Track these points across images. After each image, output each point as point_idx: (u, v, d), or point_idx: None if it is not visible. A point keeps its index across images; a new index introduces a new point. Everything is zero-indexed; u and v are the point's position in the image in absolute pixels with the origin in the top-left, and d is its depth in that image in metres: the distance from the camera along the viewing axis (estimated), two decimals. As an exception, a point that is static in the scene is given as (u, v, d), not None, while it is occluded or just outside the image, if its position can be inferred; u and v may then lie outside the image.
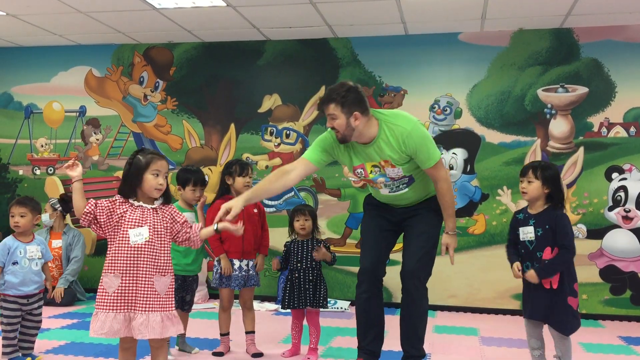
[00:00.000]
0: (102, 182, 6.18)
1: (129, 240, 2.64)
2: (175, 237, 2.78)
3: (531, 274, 3.11)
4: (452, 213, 3.30)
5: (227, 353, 3.83)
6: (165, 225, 2.73)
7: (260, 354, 3.78)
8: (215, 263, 3.81)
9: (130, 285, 2.62)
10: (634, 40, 5.27)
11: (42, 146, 6.36)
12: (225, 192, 3.78)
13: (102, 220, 2.67)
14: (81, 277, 5.73)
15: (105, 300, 2.63)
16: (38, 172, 6.35)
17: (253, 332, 3.86)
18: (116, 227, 2.67)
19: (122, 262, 2.64)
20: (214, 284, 3.81)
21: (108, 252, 2.69)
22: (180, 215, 2.80)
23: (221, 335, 3.84)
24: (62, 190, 6.16)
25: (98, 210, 2.67)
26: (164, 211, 2.76)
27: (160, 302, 2.67)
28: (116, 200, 2.71)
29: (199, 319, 4.82)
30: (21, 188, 6.34)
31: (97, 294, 2.67)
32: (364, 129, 3.13)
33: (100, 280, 2.67)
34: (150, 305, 2.64)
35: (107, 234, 2.69)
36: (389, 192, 3.32)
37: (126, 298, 2.62)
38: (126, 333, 2.63)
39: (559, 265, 3.10)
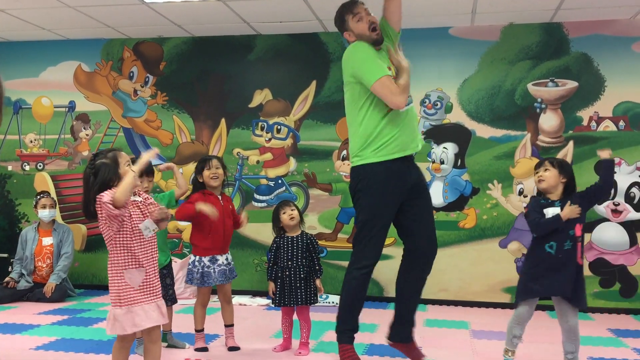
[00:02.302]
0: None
1: (141, 234, 2.68)
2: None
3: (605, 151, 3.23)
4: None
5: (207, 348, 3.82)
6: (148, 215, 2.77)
7: (237, 348, 3.79)
8: (192, 264, 3.75)
9: (153, 275, 2.70)
10: (623, 35, 5.29)
11: (31, 142, 6.32)
12: (198, 188, 3.81)
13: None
14: (71, 273, 5.71)
15: (135, 294, 2.65)
16: (27, 167, 6.31)
17: (232, 325, 3.86)
18: (125, 223, 2.66)
19: (142, 255, 2.67)
20: (196, 284, 3.75)
21: (119, 249, 2.66)
22: (152, 204, 2.80)
23: (197, 331, 3.81)
24: (51, 186, 6.13)
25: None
26: (143, 203, 2.77)
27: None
28: None
29: (190, 314, 4.80)
30: (10, 184, 6.30)
31: (119, 290, 2.65)
32: None
33: (119, 277, 2.66)
34: (160, 293, 2.76)
35: (118, 229, 2.65)
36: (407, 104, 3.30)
37: (152, 289, 2.69)
38: (161, 320, 2.71)
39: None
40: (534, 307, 3.23)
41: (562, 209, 3.12)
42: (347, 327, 3.38)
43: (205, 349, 3.76)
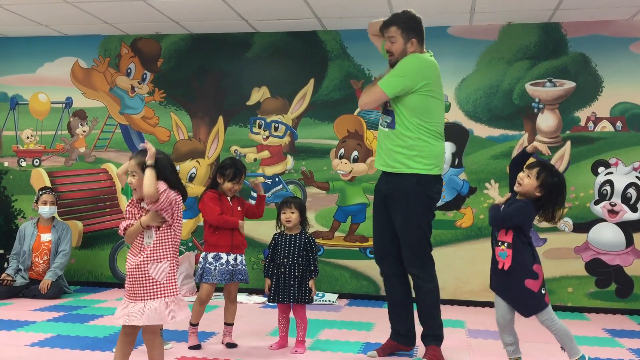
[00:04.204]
0: (89, 175, 6.13)
1: (143, 240, 2.80)
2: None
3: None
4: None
5: (202, 345, 3.80)
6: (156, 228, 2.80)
7: (234, 345, 3.78)
8: (201, 259, 3.79)
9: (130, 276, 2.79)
10: (621, 35, 5.30)
11: (27, 138, 6.29)
12: (214, 186, 3.85)
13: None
14: (67, 270, 5.69)
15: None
16: (24, 163, 6.29)
17: (232, 324, 3.86)
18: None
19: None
20: (197, 279, 3.80)
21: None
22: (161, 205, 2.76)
23: (191, 324, 3.80)
24: (48, 183, 6.11)
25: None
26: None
27: (154, 292, 2.78)
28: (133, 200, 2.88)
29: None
30: (6, 180, 6.28)
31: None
32: None
33: None
34: (146, 295, 2.77)
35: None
36: (380, 125, 3.62)
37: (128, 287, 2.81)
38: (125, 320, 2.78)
39: (494, 217, 3.23)
40: (506, 311, 3.19)
41: (504, 209, 3.22)
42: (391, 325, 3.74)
43: (198, 347, 3.75)
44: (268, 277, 3.78)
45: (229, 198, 3.84)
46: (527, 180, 3.16)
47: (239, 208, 3.87)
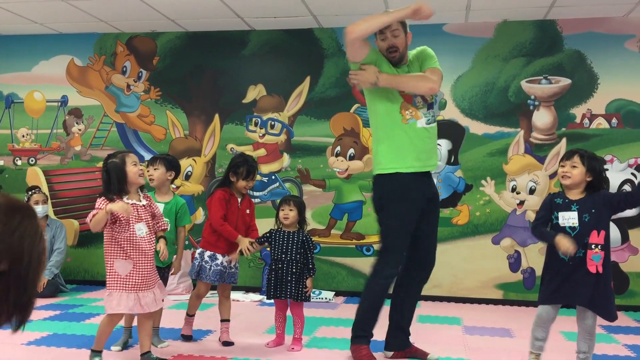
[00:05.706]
0: (85, 173, 6.12)
1: (133, 232, 3.12)
2: (153, 229, 3.29)
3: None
4: (402, 80, 3.33)
5: (199, 343, 3.82)
6: (150, 220, 3.26)
7: (231, 343, 3.79)
8: (197, 256, 3.79)
9: (140, 269, 3.12)
10: (616, 32, 5.31)
11: (23, 136, 6.28)
12: (227, 184, 3.82)
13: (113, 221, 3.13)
14: (63, 268, 5.67)
15: (119, 282, 3.13)
16: (19, 162, 6.27)
17: (228, 320, 3.88)
18: (120, 223, 3.11)
19: (130, 249, 3.12)
20: (193, 276, 3.81)
21: (112, 241, 3.14)
22: (158, 210, 3.35)
23: (188, 315, 3.85)
24: (43, 181, 6.10)
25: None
26: (147, 208, 3.24)
27: (156, 277, 3.28)
28: (113, 199, 3.12)
29: (183, 310, 4.80)
30: (2, 179, 6.26)
31: (108, 275, 3.14)
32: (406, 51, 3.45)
33: (109, 264, 3.15)
34: (154, 282, 3.21)
35: (113, 228, 3.13)
36: (426, 122, 3.36)
37: (136, 280, 3.12)
38: (138, 310, 3.13)
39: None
40: (557, 310, 3.13)
41: (580, 213, 3.02)
42: (365, 333, 3.44)
43: (190, 338, 3.79)
44: (258, 243, 3.79)
45: (239, 199, 3.82)
46: (576, 171, 3.05)
47: (247, 211, 3.87)
